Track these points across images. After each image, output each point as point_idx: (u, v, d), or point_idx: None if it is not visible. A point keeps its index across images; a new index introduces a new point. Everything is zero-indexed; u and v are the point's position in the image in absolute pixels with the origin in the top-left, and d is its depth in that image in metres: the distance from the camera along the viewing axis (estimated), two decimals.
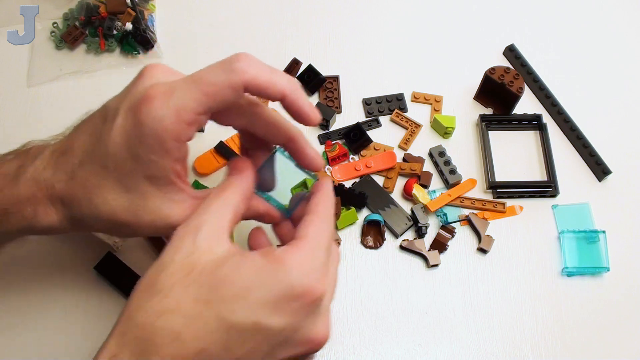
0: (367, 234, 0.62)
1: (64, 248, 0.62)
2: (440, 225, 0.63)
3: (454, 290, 0.62)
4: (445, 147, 0.67)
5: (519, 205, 0.65)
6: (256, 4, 0.76)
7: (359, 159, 0.66)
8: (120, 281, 0.60)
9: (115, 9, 0.72)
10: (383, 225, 0.62)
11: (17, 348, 0.58)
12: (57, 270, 0.61)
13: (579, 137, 0.68)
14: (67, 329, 0.59)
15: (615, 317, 0.61)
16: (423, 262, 0.63)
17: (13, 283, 0.61)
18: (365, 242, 0.62)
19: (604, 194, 0.66)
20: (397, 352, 0.59)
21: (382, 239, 0.62)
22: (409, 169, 0.65)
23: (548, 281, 0.62)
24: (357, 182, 0.65)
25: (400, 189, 0.65)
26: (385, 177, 0.66)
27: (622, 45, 0.75)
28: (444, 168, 0.66)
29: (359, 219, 0.63)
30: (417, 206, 0.63)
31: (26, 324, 0.59)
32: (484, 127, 0.68)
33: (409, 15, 0.76)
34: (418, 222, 0.62)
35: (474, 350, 0.59)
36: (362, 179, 0.65)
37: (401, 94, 0.71)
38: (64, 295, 0.61)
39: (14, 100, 0.70)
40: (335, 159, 0.66)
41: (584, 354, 0.59)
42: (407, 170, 0.65)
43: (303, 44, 0.74)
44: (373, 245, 0.62)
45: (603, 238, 0.63)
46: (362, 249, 0.63)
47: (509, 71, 0.67)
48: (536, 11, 0.77)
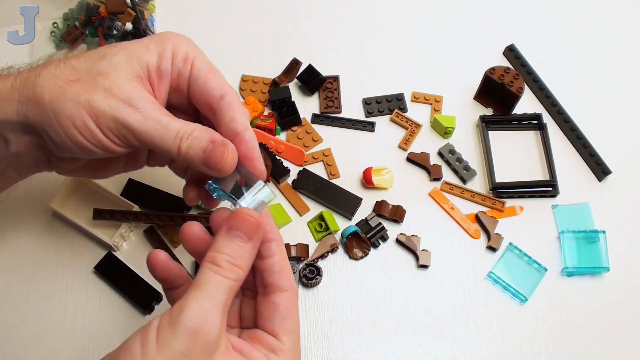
0: (351, 247, 0.62)
1: (64, 248, 0.62)
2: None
3: (453, 290, 0.62)
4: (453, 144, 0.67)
5: (520, 205, 0.65)
6: (256, 4, 0.76)
7: (276, 140, 0.68)
8: (120, 281, 0.60)
9: (115, 9, 0.72)
10: (361, 232, 0.62)
11: (17, 348, 0.58)
12: (57, 270, 0.61)
13: (579, 137, 0.68)
14: (67, 329, 0.59)
15: (615, 317, 0.61)
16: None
17: (13, 283, 0.61)
18: (355, 255, 0.62)
19: (604, 194, 0.66)
20: (397, 352, 0.59)
21: (367, 245, 0.62)
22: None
23: (548, 281, 0.62)
24: (298, 175, 0.66)
25: (348, 173, 0.67)
26: (325, 164, 0.67)
27: (622, 45, 0.75)
28: (458, 166, 0.66)
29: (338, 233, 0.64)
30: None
31: (26, 324, 0.59)
32: (484, 127, 0.68)
33: (409, 15, 0.76)
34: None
35: (474, 350, 0.59)
36: (302, 171, 0.66)
37: (401, 94, 0.71)
38: (64, 295, 0.61)
39: None
40: (261, 128, 0.68)
41: (584, 354, 0.59)
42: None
43: (303, 44, 0.74)
44: (363, 254, 0.62)
45: (603, 238, 0.63)
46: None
47: (509, 71, 0.67)
48: (536, 11, 0.77)
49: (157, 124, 0.41)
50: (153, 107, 0.41)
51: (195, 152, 0.41)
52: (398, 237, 0.63)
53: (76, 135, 0.41)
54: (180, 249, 0.63)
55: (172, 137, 0.41)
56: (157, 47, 0.43)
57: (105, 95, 0.40)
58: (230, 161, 0.41)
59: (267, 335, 0.40)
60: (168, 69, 0.43)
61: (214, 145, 0.41)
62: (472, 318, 0.60)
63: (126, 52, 0.42)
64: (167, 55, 0.43)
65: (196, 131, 0.41)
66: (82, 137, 0.41)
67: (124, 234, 0.62)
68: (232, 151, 0.41)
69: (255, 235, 0.39)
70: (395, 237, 0.63)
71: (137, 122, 0.40)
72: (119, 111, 0.40)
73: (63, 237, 0.63)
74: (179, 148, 0.41)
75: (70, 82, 0.40)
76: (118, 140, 0.42)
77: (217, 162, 0.41)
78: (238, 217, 0.39)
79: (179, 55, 0.44)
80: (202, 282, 0.37)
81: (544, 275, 0.62)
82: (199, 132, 0.41)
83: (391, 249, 0.63)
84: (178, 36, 0.44)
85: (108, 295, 0.61)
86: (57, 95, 0.40)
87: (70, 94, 0.40)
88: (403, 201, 0.65)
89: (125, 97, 0.40)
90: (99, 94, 0.40)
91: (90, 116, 0.40)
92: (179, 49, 0.43)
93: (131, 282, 0.61)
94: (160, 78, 0.43)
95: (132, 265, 0.61)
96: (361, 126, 0.69)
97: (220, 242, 0.39)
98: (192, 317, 0.35)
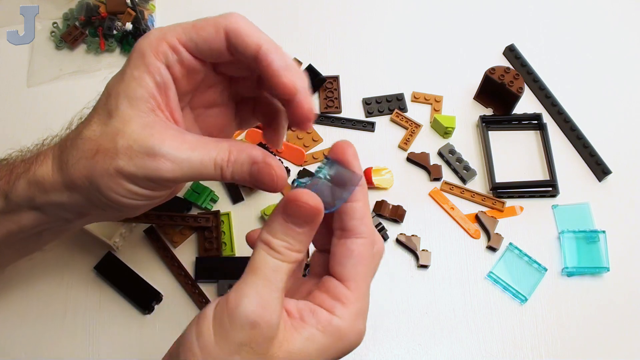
0: None
1: (64, 248, 0.62)
2: None
3: (453, 290, 0.62)
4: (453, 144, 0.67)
5: (519, 205, 0.65)
6: (256, 5, 0.76)
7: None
8: (120, 281, 0.60)
9: (115, 9, 0.72)
10: None
11: (17, 348, 0.58)
12: (57, 270, 0.61)
13: (579, 137, 0.68)
14: (67, 328, 0.59)
15: (615, 317, 0.61)
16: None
17: (13, 283, 0.61)
18: None
19: (604, 194, 0.66)
20: (397, 352, 0.59)
21: None
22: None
23: (548, 281, 0.62)
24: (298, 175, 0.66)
25: None
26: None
27: (622, 45, 0.75)
28: (458, 166, 0.66)
29: None
30: None
31: (26, 324, 0.59)
32: (484, 127, 0.68)
33: (409, 15, 0.76)
34: None
35: (474, 350, 0.59)
36: (302, 171, 0.66)
37: (401, 94, 0.71)
38: (64, 295, 0.61)
39: (14, 100, 0.70)
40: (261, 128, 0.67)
41: (584, 354, 0.59)
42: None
43: (303, 44, 0.74)
44: None
45: (603, 238, 0.63)
46: None
47: (509, 71, 0.67)
48: (536, 11, 0.77)
49: (189, 164, 0.39)
50: (178, 145, 0.39)
51: (241, 176, 0.40)
52: (398, 237, 0.63)
53: (125, 200, 0.41)
54: (180, 249, 0.63)
55: (212, 170, 0.39)
56: (140, 68, 0.40)
57: (128, 156, 0.39)
58: (280, 180, 0.39)
59: (335, 282, 0.38)
60: (167, 78, 0.41)
61: (258, 167, 0.39)
62: (472, 318, 0.60)
63: (125, 100, 0.40)
64: (156, 66, 0.40)
65: (232, 155, 0.39)
66: (130, 199, 0.41)
67: (124, 234, 0.62)
68: (279, 168, 0.40)
69: (314, 220, 0.37)
70: (395, 237, 0.63)
71: (170, 172, 0.39)
72: (148, 168, 0.39)
73: (63, 237, 0.63)
74: (223, 176, 0.40)
75: (94, 157, 0.40)
76: (164, 188, 0.42)
77: (268, 185, 0.39)
78: (293, 205, 0.36)
79: (165, 53, 0.41)
80: (258, 266, 0.36)
81: (544, 275, 0.62)
82: (236, 156, 0.39)
83: (391, 249, 0.63)
84: (145, 39, 0.41)
85: (108, 295, 0.61)
86: (90, 175, 0.40)
87: (100, 170, 0.39)
88: (403, 201, 0.65)
89: (147, 150, 0.39)
90: (123, 158, 0.39)
91: (127, 180, 0.40)
92: (158, 48, 0.41)
93: (131, 282, 0.61)
94: (165, 91, 0.41)
95: (132, 265, 0.61)
96: (361, 126, 0.69)
97: (275, 225, 0.37)
98: (251, 307, 0.34)
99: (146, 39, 0.41)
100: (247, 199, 0.66)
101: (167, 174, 0.39)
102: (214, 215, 0.63)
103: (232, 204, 0.65)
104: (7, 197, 0.44)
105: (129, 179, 0.39)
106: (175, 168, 0.39)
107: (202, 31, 0.41)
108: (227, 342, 0.34)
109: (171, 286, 0.61)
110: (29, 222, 0.45)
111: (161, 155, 0.38)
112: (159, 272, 0.62)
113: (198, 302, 0.60)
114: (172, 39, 0.41)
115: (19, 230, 0.45)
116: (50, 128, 0.47)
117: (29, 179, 0.43)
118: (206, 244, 0.62)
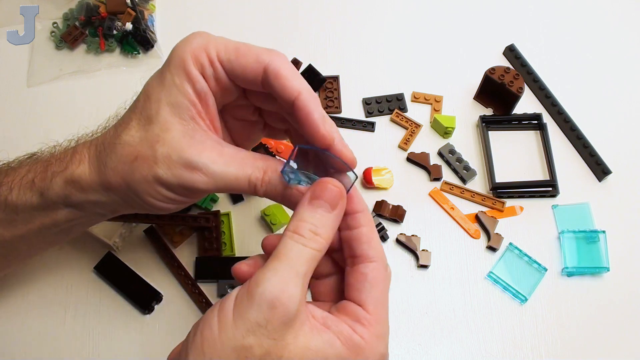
0: None
1: (64, 248, 0.62)
2: None
3: (453, 290, 0.62)
4: (453, 144, 0.67)
5: (519, 205, 0.65)
6: (256, 4, 0.76)
7: (276, 140, 0.66)
8: (120, 281, 0.60)
9: (115, 9, 0.72)
10: None
11: (17, 347, 0.58)
12: (57, 270, 0.61)
13: (579, 137, 0.68)
14: (67, 328, 0.59)
15: (615, 317, 0.61)
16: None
17: (13, 283, 0.61)
18: None
19: (604, 194, 0.66)
20: (397, 352, 0.59)
21: None
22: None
23: (548, 281, 0.62)
24: None
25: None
26: None
27: (622, 45, 0.75)
28: (458, 166, 0.66)
29: None
30: None
31: (26, 324, 0.59)
32: (484, 127, 0.68)
33: (409, 15, 0.76)
34: None
35: (474, 350, 0.59)
36: None
37: (401, 94, 0.71)
38: (64, 295, 0.61)
39: (14, 100, 0.70)
40: None
41: (584, 354, 0.59)
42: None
43: (303, 44, 0.74)
44: None
45: (603, 238, 0.63)
46: None
47: (509, 71, 0.67)
48: (536, 11, 0.77)
49: (224, 178, 0.41)
50: (215, 158, 0.41)
51: (274, 197, 0.41)
52: (398, 237, 0.63)
53: (160, 204, 0.43)
54: (180, 249, 0.63)
55: (246, 186, 0.41)
56: (181, 75, 0.41)
57: (167, 165, 0.40)
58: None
59: (353, 305, 0.39)
60: (205, 88, 0.41)
61: (291, 192, 0.41)
62: (472, 318, 0.60)
63: (167, 106, 0.41)
64: (195, 74, 0.41)
65: (267, 175, 0.41)
66: (166, 204, 0.43)
67: (124, 234, 0.62)
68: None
69: (339, 203, 0.38)
70: (395, 237, 0.63)
71: (205, 184, 0.41)
72: (184, 179, 0.40)
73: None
74: (257, 192, 0.41)
75: (132, 163, 0.41)
76: (199, 195, 0.44)
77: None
78: (322, 186, 0.38)
79: (204, 65, 0.41)
80: (283, 252, 0.36)
81: (544, 275, 0.62)
82: (270, 176, 0.41)
83: (391, 249, 0.63)
84: (187, 44, 0.41)
85: (108, 295, 0.61)
86: (129, 179, 0.41)
87: (138, 176, 0.41)
88: (403, 201, 0.65)
89: (185, 161, 0.40)
90: (162, 166, 0.40)
91: (163, 186, 0.41)
92: (198, 58, 0.41)
93: (131, 282, 0.61)
94: (205, 99, 0.42)
95: (132, 265, 0.61)
96: (361, 126, 0.69)
97: (303, 211, 0.38)
98: (270, 289, 0.34)
99: (188, 45, 0.41)
100: (247, 199, 0.66)
101: (201, 186, 0.41)
102: (214, 216, 0.63)
103: (232, 204, 0.65)
104: (42, 194, 0.45)
105: (166, 186, 0.41)
106: (209, 181, 0.41)
107: (243, 58, 0.41)
108: (244, 321, 0.34)
109: (171, 286, 0.61)
110: (63, 217, 0.46)
111: (198, 169, 0.40)
112: (159, 272, 0.62)
113: (198, 302, 0.60)
114: (213, 52, 0.41)
115: (52, 224, 0.47)
116: (50, 128, 0.47)
117: (65, 178, 0.44)
118: (206, 244, 0.62)
